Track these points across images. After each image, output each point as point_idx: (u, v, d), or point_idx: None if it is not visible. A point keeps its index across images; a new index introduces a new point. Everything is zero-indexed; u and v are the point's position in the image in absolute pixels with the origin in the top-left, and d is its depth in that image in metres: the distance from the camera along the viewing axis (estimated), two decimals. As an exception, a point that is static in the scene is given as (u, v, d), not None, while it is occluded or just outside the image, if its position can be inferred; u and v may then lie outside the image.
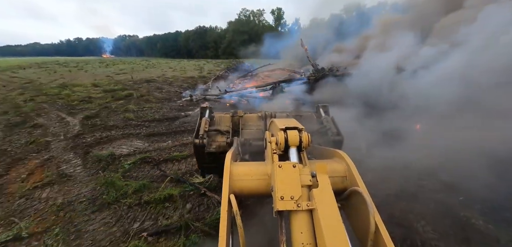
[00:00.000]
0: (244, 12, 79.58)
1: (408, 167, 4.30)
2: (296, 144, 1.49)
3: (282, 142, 1.49)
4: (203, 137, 2.60)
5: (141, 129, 6.55)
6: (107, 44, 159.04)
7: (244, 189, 1.40)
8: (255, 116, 3.05)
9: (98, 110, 8.44)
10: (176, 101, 10.02)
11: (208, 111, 3.03)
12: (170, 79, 17.25)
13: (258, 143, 2.50)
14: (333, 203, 1.15)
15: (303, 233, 1.10)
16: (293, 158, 1.45)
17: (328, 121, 2.81)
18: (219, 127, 2.94)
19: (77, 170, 4.46)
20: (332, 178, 1.28)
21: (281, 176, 1.26)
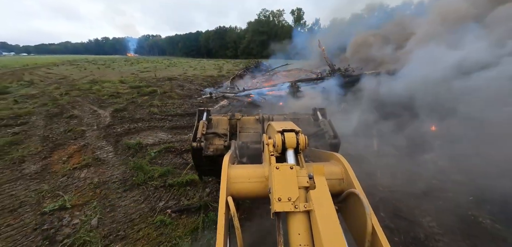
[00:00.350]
0: (264, 12, 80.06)
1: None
2: (293, 146, 1.51)
3: (279, 144, 1.51)
4: (200, 140, 2.59)
5: (164, 122, 7.04)
6: (132, 43, 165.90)
7: (242, 191, 1.40)
8: (252, 119, 3.07)
9: (126, 104, 9.10)
10: (196, 98, 10.52)
11: (206, 114, 3.05)
12: (190, 78, 17.94)
13: (256, 146, 2.54)
14: (330, 204, 1.16)
15: (300, 234, 1.11)
16: (290, 160, 1.46)
17: (325, 125, 2.78)
18: (217, 129, 2.95)
19: (109, 155, 4.97)
20: (329, 180, 1.29)
21: (279, 177, 1.27)
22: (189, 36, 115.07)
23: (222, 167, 1.45)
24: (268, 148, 1.51)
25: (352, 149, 5.06)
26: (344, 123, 5.99)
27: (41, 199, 3.57)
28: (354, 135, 5.71)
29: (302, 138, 1.52)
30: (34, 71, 23.81)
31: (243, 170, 1.52)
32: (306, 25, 78.16)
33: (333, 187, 1.34)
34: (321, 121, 2.89)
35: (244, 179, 1.44)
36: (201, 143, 2.56)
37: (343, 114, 6.68)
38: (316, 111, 3.12)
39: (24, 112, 8.09)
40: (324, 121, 2.85)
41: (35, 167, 4.55)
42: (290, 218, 1.16)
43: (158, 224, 3.02)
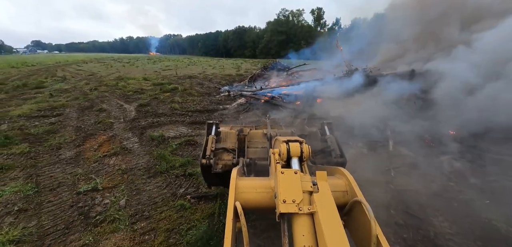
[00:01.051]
0: (283, 12, 79.72)
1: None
2: (297, 155, 1.60)
3: (284, 152, 1.60)
4: (210, 157, 2.63)
5: (185, 117, 7.41)
6: (154, 42, 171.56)
7: (249, 201, 1.43)
8: (260, 133, 3.11)
9: (149, 100, 9.61)
10: (215, 96, 10.88)
11: (215, 128, 3.07)
12: (210, 76, 18.44)
13: (263, 162, 2.55)
14: (333, 206, 1.19)
15: (305, 236, 1.13)
16: (295, 167, 1.52)
17: (332, 142, 2.80)
18: (225, 143, 2.98)
19: (135, 145, 5.36)
20: (333, 192, 1.32)
21: (284, 181, 1.32)
22: (208, 36, 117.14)
23: (230, 178, 1.51)
24: (274, 157, 1.60)
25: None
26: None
27: (76, 181, 3.98)
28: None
29: (305, 147, 1.63)
30: (66, 68, 25.49)
31: (250, 181, 1.59)
32: (326, 25, 77.12)
33: (338, 199, 1.37)
34: (328, 137, 2.89)
35: (251, 189, 1.49)
36: (210, 160, 2.61)
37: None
38: (323, 125, 3.11)
39: (59, 105, 8.80)
40: (331, 138, 2.86)
41: (70, 153, 5.02)
42: (295, 220, 1.20)
43: (179, 208, 3.29)
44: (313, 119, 6.88)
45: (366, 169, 4.42)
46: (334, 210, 1.18)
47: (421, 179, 4.09)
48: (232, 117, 7.53)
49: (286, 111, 7.95)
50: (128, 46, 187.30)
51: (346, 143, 5.47)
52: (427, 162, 4.53)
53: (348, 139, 5.65)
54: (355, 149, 5.22)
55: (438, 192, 3.78)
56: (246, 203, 1.38)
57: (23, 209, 3.32)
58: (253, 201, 1.45)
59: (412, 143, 5.29)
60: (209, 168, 2.61)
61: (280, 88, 10.01)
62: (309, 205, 1.23)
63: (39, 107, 8.51)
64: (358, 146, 5.35)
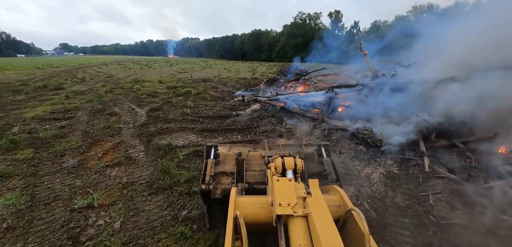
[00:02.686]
0: (300, 16, 78.75)
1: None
2: (292, 167, 1.71)
3: (279, 165, 1.71)
4: (209, 183, 2.66)
5: (196, 124, 7.03)
6: (172, 45, 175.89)
7: (247, 216, 1.47)
8: (258, 155, 3.10)
9: (161, 104, 9.37)
10: (228, 101, 10.48)
11: (213, 150, 3.15)
12: (224, 80, 18.15)
13: (261, 187, 2.52)
14: (325, 208, 1.27)
15: (300, 236, 1.20)
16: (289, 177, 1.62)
17: (328, 165, 2.89)
18: (224, 166, 2.99)
19: (140, 154, 5.01)
20: (328, 207, 1.38)
21: (279, 187, 1.41)
22: (225, 39, 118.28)
23: (230, 196, 1.57)
24: (270, 170, 1.71)
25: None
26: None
27: (73, 195, 3.64)
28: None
29: (299, 161, 1.75)
30: (87, 70, 26.26)
31: (249, 198, 1.69)
32: (344, 28, 75.24)
33: (332, 213, 1.40)
34: (324, 160, 2.98)
35: (250, 205, 1.56)
36: (210, 185, 2.64)
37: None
38: (320, 147, 3.23)
39: (73, 107, 8.75)
40: (327, 161, 2.94)
41: (73, 161, 4.75)
42: (290, 222, 1.27)
43: (179, 236, 2.84)
44: (334, 130, 6.27)
45: (398, 193, 3.79)
46: (326, 212, 1.25)
47: (468, 210, 3.40)
48: (245, 125, 7.06)
49: (304, 121, 7.38)
50: (148, 49, 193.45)
51: (373, 160, 4.84)
52: (473, 187, 3.82)
53: (375, 155, 5.00)
54: (384, 167, 4.58)
55: (492, 228, 3.09)
56: (245, 218, 1.40)
57: (11, 227, 3.01)
58: (251, 215, 1.49)
59: (452, 162, 4.57)
60: (208, 194, 2.62)
61: (298, 95, 9.42)
62: (303, 208, 1.31)
63: (53, 109, 8.48)
64: (387, 164, 4.69)
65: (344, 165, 4.68)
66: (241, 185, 2.55)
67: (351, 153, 5.12)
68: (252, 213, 1.53)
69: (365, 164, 4.68)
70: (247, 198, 1.69)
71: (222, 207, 2.41)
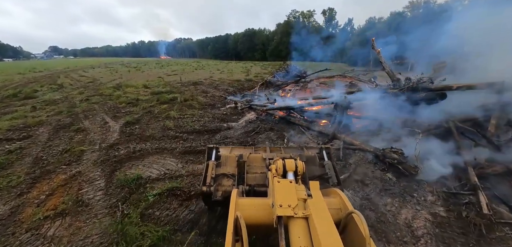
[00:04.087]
0: (294, 14, 77.52)
1: None
2: (292, 169, 1.71)
3: (280, 167, 1.71)
4: (210, 185, 2.63)
5: (177, 142, 5.76)
6: (165, 46, 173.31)
7: (248, 218, 1.38)
8: (259, 157, 3.04)
9: (141, 115, 8.06)
10: (219, 108, 9.20)
11: (215, 152, 3.10)
12: (216, 82, 16.84)
13: (262, 189, 2.49)
14: (326, 210, 1.28)
15: (300, 237, 1.18)
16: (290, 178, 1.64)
17: (329, 168, 2.85)
18: (225, 168, 2.95)
19: (97, 196, 3.74)
20: (328, 210, 1.33)
21: (280, 189, 1.43)
22: (218, 39, 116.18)
23: (231, 198, 1.54)
24: (271, 172, 1.72)
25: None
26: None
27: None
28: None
29: (300, 163, 1.77)
30: (70, 74, 24.66)
31: (249, 200, 1.67)
32: (338, 25, 74.35)
33: (333, 216, 1.35)
34: (326, 163, 2.93)
35: (250, 206, 1.52)
36: (211, 187, 2.62)
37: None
38: (322, 150, 3.17)
39: (35, 122, 7.40)
40: (328, 165, 2.90)
41: (3, 208, 3.47)
42: (291, 223, 1.27)
43: None
44: (350, 150, 5.06)
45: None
46: (327, 214, 1.25)
47: None
48: (238, 142, 5.82)
49: (310, 136, 6.17)
50: (140, 50, 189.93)
51: (408, 195, 3.66)
52: None
53: (409, 186, 3.82)
54: (426, 207, 3.40)
55: None
56: (245, 219, 1.33)
57: None
58: (252, 217, 1.44)
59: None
60: (209, 196, 2.61)
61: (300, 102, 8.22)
62: (303, 210, 1.30)
63: (12, 125, 7.13)
64: (428, 201, 3.51)
65: (372, 204, 3.48)
66: (242, 187, 2.47)
67: (377, 184, 3.93)
68: (253, 214, 1.47)
69: (400, 202, 3.49)
70: (247, 199, 1.66)
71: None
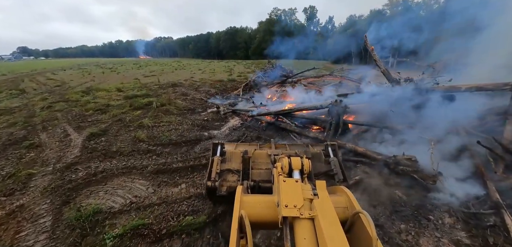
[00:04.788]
0: (276, 12, 77.37)
1: None
2: (298, 168, 1.65)
3: (286, 165, 1.64)
4: (215, 180, 2.67)
5: (150, 158, 4.93)
6: (144, 46, 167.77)
7: (253, 215, 1.37)
8: (264, 153, 3.06)
9: (110, 124, 7.09)
10: (200, 113, 8.39)
11: (220, 148, 3.08)
12: (197, 83, 15.89)
13: (267, 185, 2.51)
14: (333, 212, 1.22)
15: (306, 239, 1.13)
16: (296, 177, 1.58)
17: (335, 165, 2.82)
18: (230, 163, 2.97)
19: (38, 241, 2.89)
20: (335, 208, 1.30)
21: (286, 188, 1.38)
22: (199, 38, 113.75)
23: (235, 194, 1.48)
24: (277, 170, 1.67)
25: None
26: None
27: None
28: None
29: (306, 161, 1.68)
30: (37, 77, 22.61)
31: (254, 197, 1.61)
32: (319, 23, 75.05)
33: (339, 215, 1.30)
34: (331, 160, 2.91)
35: (255, 204, 1.48)
36: (215, 182, 2.65)
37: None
38: (327, 147, 3.13)
39: (-21, 137, 6.24)
40: (334, 161, 2.87)
41: None
42: (296, 224, 1.22)
43: None
44: (351, 161, 4.48)
45: None
46: (334, 215, 1.20)
47: None
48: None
49: (302, 143, 5.55)
50: (118, 50, 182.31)
51: (423, 217, 3.12)
52: None
53: (423, 207, 3.28)
54: (445, 232, 2.86)
55: None
56: (250, 217, 1.33)
57: None
58: (257, 215, 1.43)
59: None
60: (214, 191, 2.63)
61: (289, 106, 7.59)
62: (309, 210, 1.25)
63: (-50, 142, 5.94)
64: (446, 224, 2.99)
65: (385, 233, 2.90)
66: (247, 182, 2.53)
67: (386, 205, 3.36)
68: (258, 212, 1.43)
69: (416, 229, 2.94)
70: (252, 197, 1.59)
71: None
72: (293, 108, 5.95)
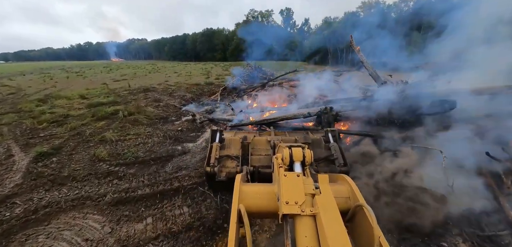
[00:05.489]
0: (252, 13, 77.03)
1: None
2: (300, 159, 1.57)
3: (287, 157, 1.57)
4: (214, 166, 2.63)
5: (109, 184, 4.12)
6: (116, 48, 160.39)
7: (252, 206, 1.36)
8: (264, 139, 3.08)
9: (65, 139, 6.10)
10: (174, 123, 7.59)
11: (219, 135, 3.10)
12: (172, 87, 14.88)
13: (266, 170, 2.54)
14: (335, 208, 1.17)
15: (307, 237, 1.10)
16: (297, 171, 1.50)
17: (336, 150, 2.80)
18: (229, 150, 2.97)
19: None
20: (336, 198, 1.27)
21: (286, 183, 1.31)
22: (175, 39, 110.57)
23: (234, 184, 1.45)
24: (277, 161, 1.61)
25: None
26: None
27: None
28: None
29: (308, 152, 1.61)
30: (-12, 84, 20.14)
31: (254, 187, 1.56)
32: (295, 25, 75.92)
33: (341, 205, 1.29)
34: (331, 145, 2.89)
35: (255, 194, 1.45)
36: (214, 168, 2.63)
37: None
38: (327, 133, 3.09)
39: None
40: (334, 147, 2.86)
41: None
42: (297, 221, 1.18)
43: None
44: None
45: None
46: (336, 212, 1.17)
47: None
48: (198, 176, 4.40)
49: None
50: (87, 52, 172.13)
51: (437, 246, 2.68)
52: None
53: (436, 236, 2.84)
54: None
55: None
56: (250, 208, 1.33)
57: None
58: (256, 206, 1.40)
59: None
60: (213, 176, 2.62)
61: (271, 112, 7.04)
62: (311, 207, 1.22)
63: None
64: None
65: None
66: (246, 168, 2.43)
67: (392, 231, 2.89)
68: (258, 203, 1.39)
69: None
70: (252, 187, 1.53)
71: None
72: (277, 118, 5.41)
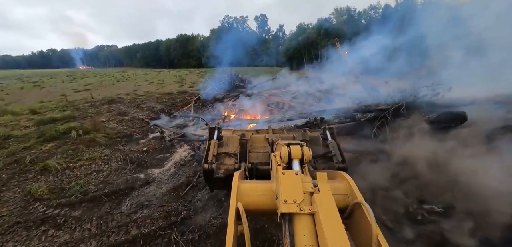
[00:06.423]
0: (227, 19, 76.52)
1: None
2: (298, 157, 1.58)
3: (285, 155, 1.57)
4: (212, 162, 2.60)
5: (42, 237, 3.10)
6: (83, 54, 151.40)
7: (250, 204, 1.36)
8: (262, 137, 3.06)
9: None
10: (138, 141, 6.58)
11: (217, 132, 3.04)
12: (141, 98, 13.62)
13: (265, 167, 2.56)
14: (333, 207, 1.17)
15: (305, 236, 1.11)
16: (296, 169, 1.52)
17: (334, 147, 2.79)
18: (227, 148, 2.93)
19: None
20: (334, 195, 1.27)
21: (285, 182, 1.31)
22: (148, 45, 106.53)
23: (232, 182, 1.45)
24: (276, 159, 1.61)
25: None
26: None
27: None
28: None
29: (306, 150, 1.61)
30: None
31: (252, 184, 1.54)
32: (270, 31, 76.54)
33: (339, 202, 1.29)
34: (329, 142, 2.88)
35: (253, 192, 1.45)
36: (212, 165, 2.60)
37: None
38: (325, 130, 3.09)
39: None
40: (332, 143, 2.84)
41: None
42: (296, 220, 1.18)
43: None
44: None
45: None
46: (334, 211, 1.17)
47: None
48: (163, 217, 3.53)
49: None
50: (50, 60, 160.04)
51: None
52: None
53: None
54: None
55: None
56: (248, 206, 1.31)
57: None
58: (254, 204, 1.40)
59: None
60: (211, 173, 2.61)
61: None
62: (310, 205, 1.22)
63: None
64: None
65: None
66: (244, 164, 2.46)
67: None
68: (256, 201, 1.39)
69: None
70: (250, 184, 1.51)
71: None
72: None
